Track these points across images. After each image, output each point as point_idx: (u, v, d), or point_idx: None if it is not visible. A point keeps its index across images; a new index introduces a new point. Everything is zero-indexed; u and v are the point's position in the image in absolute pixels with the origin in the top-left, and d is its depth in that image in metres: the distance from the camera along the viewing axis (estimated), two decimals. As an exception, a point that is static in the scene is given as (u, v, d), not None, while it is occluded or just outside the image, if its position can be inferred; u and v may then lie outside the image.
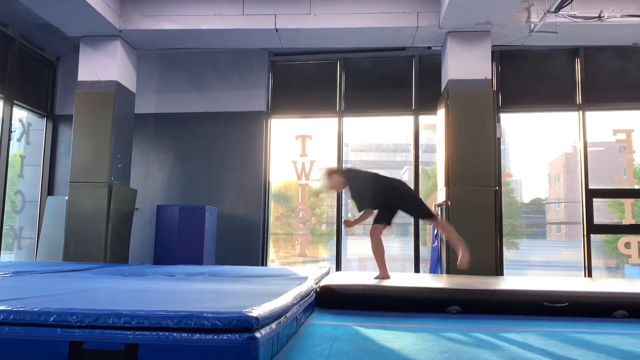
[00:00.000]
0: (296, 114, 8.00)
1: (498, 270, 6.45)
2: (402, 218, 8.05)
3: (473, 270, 5.97)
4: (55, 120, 8.25)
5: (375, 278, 4.54)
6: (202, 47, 7.55)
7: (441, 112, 6.78)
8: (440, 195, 6.71)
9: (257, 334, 1.89)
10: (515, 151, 8.12)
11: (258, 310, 1.99)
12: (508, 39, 6.86)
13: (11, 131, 7.29)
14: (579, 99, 7.36)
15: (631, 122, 7.39)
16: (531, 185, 8.19)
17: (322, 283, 4.06)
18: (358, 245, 7.85)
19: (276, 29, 6.74)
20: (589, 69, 7.42)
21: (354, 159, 8.58)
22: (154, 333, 1.85)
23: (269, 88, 7.98)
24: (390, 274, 4.73)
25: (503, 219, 7.14)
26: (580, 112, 7.33)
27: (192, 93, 8.00)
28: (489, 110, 6.48)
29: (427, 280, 4.58)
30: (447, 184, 6.41)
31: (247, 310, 1.95)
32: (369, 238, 4.78)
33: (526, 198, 8.26)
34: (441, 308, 3.80)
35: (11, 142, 7.32)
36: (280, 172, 8.12)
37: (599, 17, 6.04)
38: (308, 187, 7.87)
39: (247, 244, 7.56)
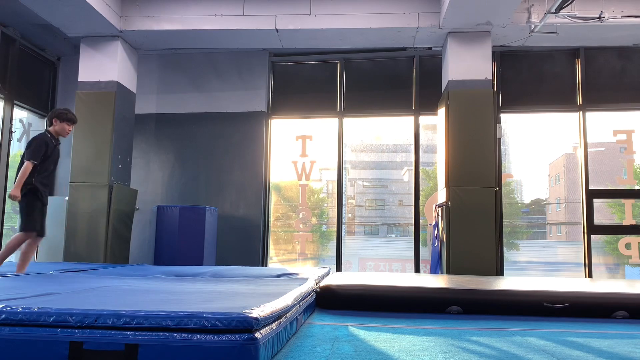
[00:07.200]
0: (296, 114, 8.00)
1: (498, 271, 6.44)
2: (402, 218, 8.08)
3: (473, 270, 6.00)
4: (55, 120, 8.24)
5: None
6: (202, 48, 7.55)
7: (441, 112, 6.78)
8: (441, 196, 6.70)
9: (257, 335, 1.89)
10: (515, 152, 8.13)
11: (258, 311, 1.99)
12: (508, 39, 6.86)
13: (12, 131, 7.29)
14: (579, 99, 7.36)
15: (631, 123, 7.38)
16: (531, 185, 8.19)
17: (322, 283, 4.06)
18: (358, 246, 7.84)
19: (277, 30, 6.74)
20: (589, 69, 7.41)
21: (354, 160, 8.59)
22: (154, 333, 1.86)
23: (269, 88, 7.98)
24: (390, 274, 4.73)
25: (503, 220, 7.14)
26: (581, 112, 7.32)
27: (193, 93, 8.00)
28: (489, 111, 6.48)
29: (427, 280, 4.58)
30: (448, 184, 6.41)
31: (247, 310, 1.95)
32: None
33: (526, 198, 8.26)
34: (441, 308, 3.79)
35: (11, 142, 7.32)
36: (281, 173, 8.12)
37: (600, 17, 6.04)
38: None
39: (247, 244, 7.56)
